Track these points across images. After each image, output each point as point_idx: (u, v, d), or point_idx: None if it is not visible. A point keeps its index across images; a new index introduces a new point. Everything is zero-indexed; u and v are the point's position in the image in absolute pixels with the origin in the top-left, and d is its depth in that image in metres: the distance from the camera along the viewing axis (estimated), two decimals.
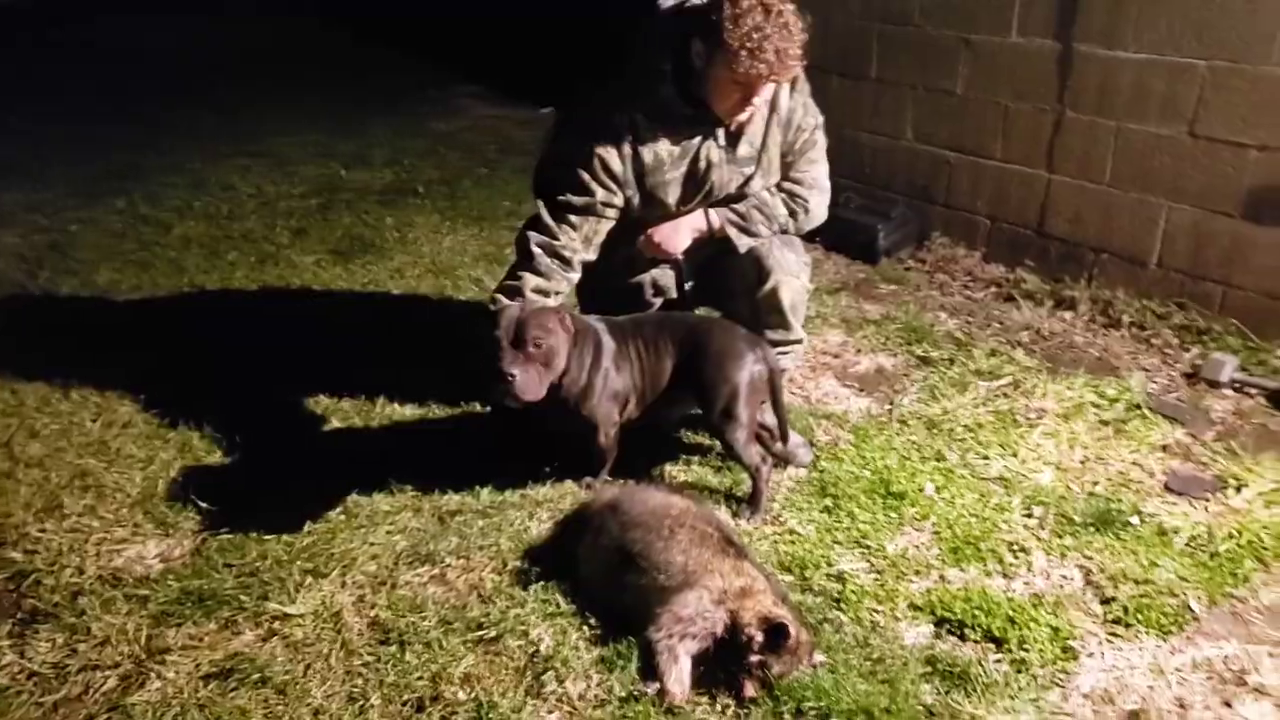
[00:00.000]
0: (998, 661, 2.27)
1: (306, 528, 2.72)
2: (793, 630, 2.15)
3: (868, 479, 2.90)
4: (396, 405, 3.31)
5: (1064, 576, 2.56)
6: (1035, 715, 2.13)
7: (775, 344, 2.90)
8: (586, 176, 2.70)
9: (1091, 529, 2.70)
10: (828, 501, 2.82)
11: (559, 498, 2.85)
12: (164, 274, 4.39)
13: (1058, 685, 2.22)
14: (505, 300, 2.72)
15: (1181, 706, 2.16)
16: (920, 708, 2.13)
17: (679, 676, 2.18)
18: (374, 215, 5.06)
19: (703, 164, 2.77)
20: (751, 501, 2.80)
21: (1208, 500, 2.83)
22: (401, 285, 4.26)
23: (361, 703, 2.17)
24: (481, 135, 6.86)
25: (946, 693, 2.17)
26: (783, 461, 2.98)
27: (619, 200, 2.74)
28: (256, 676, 2.23)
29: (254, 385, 3.44)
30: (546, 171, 2.83)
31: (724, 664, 2.19)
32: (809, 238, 4.79)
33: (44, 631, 2.39)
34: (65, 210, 5.16)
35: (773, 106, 2.77)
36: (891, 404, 3.36)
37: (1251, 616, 2.43)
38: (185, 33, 10.40)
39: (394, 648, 2.31)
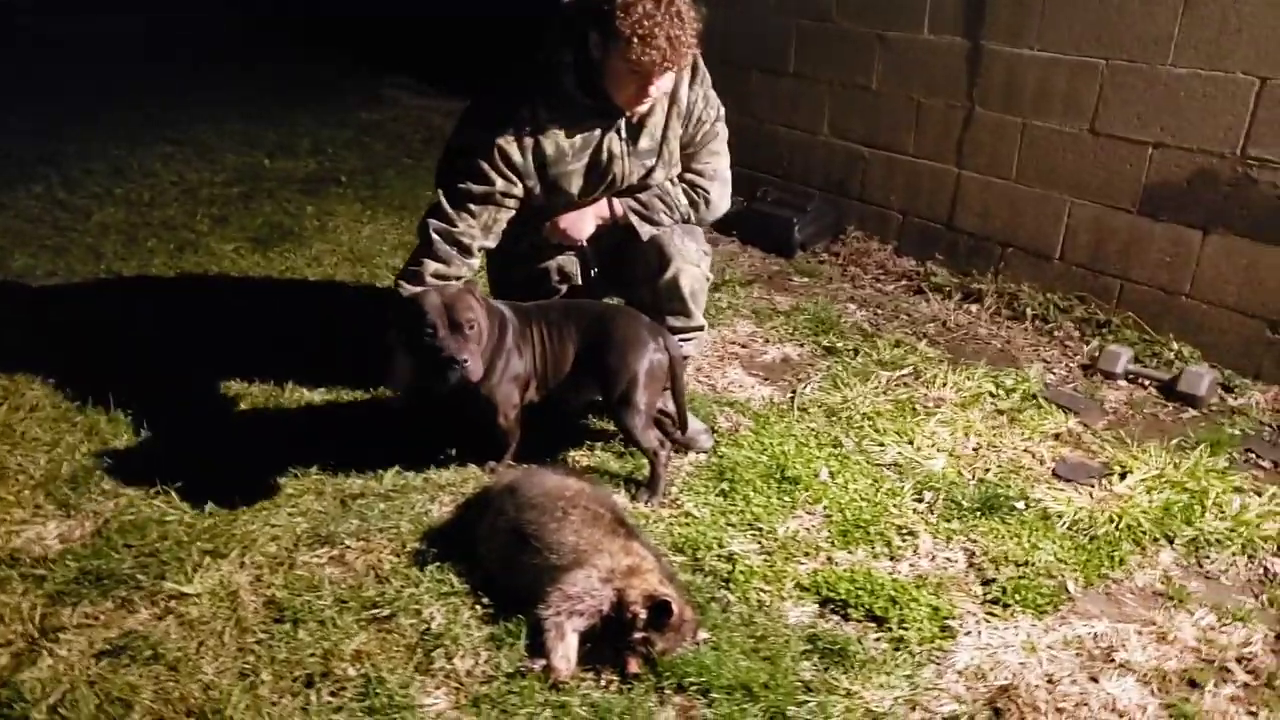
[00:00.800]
0: (877, 639, 2.36)
1: (208, 509, 2.73)
2: (676, 608, 2.20)
3: (764, 464, 2.98)
4: (305, 390, 3.32)
5: (948, 559, 2.65)
6: (909, 690, 2.21)
7: (676, 331, 2.96)
8: (486, 166, 2.73)
9: (978, 513, 2.80)
10: (724, 485, 2.89)
11: (462, 481, 2.89)
12: (81, 260, 4.33)
13: (934, 662, 2.30)
14: (409, 286, 2.74)
15: (1050, 682, 2.25)
16: (799, 683, 2.20)
17: (565, 653, 2.23)
18: (295, 204, 5.04)
19: (604, 155, 2.81)
20: (649, 485, 2.86)
21: (1092, 486, 2.95)
22: (318, 273, 4.26)
23: (252, 678, 2.19)
24: (408, 125, 6.85)
25: (825, 669, 2.25)
26: (683, 447, 3.05)
27: (519, 190, 2.78)
28: (149, 654, 2.24)
29: (165, 370, 3.42)
30: (449, 161, 2.85)
31: (611, 641, 2.24)
32: (725, 229, 4.98)
33: None
34: None
35: (673, 99, 2.83)
36: (794, 392, 3.45)
37: (1124, 597, 2.54)
38: (112, 27, 10.20)
39: (287, 625, 2.33)
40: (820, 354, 3.76)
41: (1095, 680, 2.26)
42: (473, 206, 2.76)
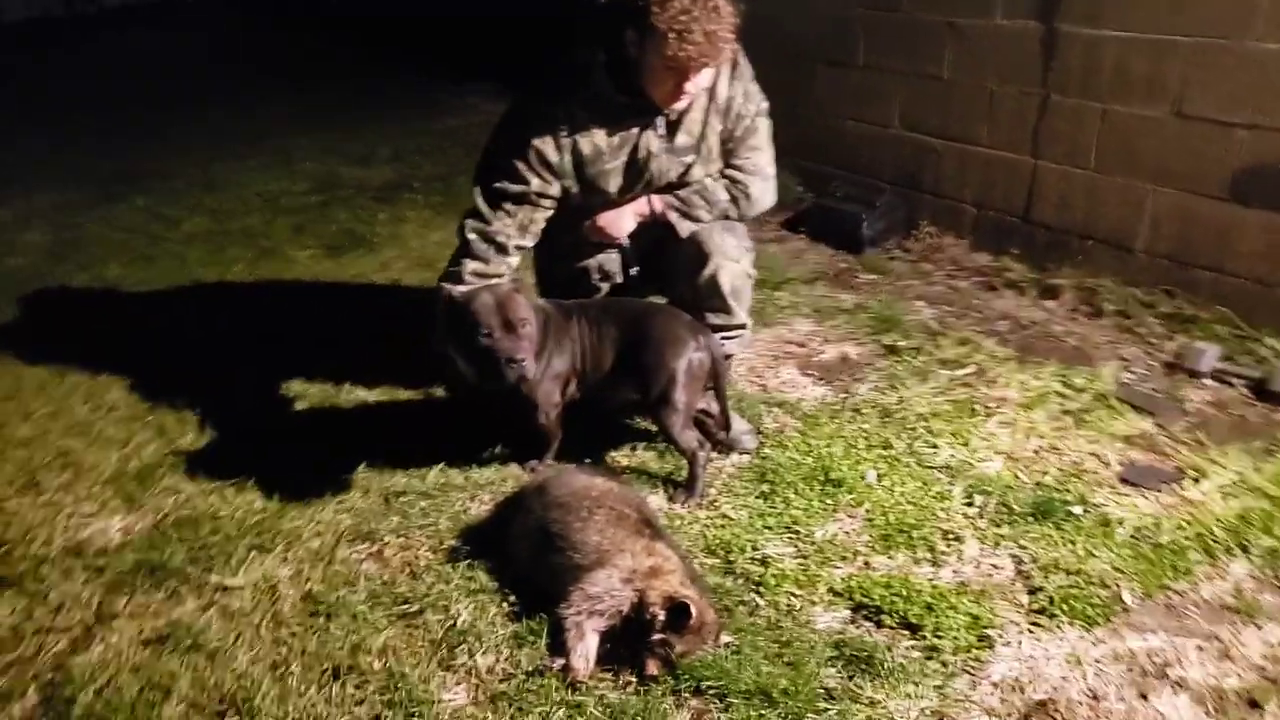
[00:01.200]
0: (909, 648, 2.27)
1: (259, 505, 2.82)
2: (694, 610, 2.16)
3: (809, 466, 2.90)
4: (362, 390, 3.40)
5: (994, 566, 2.53)
6: (937, 700, 2.12)
7: (717, 329, 2.91)
8: (522, 166, 2.74)
9: (1031, 519, 2.66)
10: (765, 487, 2.83)
11: (502, 480, 2.91)
12: (167, 269, 4.55)
13: (968, 673, 2.20)
14: (452, 287, 2.77)
15: (1094, 698, 2.13)
16: (820, 690, 2.13)
17: (584, 652, 2.22)
18: (369, 211, 5.18)
19: (642, 154, 2.79)
20: (687, 486, 2.82)
21: (1161, 492, 2.78)
22: (385, 277, 4.36)
23: (283, 669, 2.24)
24: (486, 131, 6.87)
25: (850, 677, 2.17)
26: (726, 448, 3.00)
27: (555, 190, 2.79)
28: (189, 643, 2.32)
29: (233, 372, 3.55)
30: (486, 161, 2.88)
31: (631, 642, 2.22)
32: (793, 227, 4.88)
33: (7, 597, 2.51)
34: (88, 209, 5.37)
35: (711, 95, 2.78)
36: (847, 393, 3.35)
37: (1187, 610, 2.38)
38: (199, 43, 10.73)
39: (321, 619, 2.39)
40: (881, 353, 3.64)
41: (1145, 697, 2.12)
42: (509, 206, 2.78)
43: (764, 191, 2.92)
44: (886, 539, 2.61)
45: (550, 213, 2.83)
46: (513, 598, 2.43)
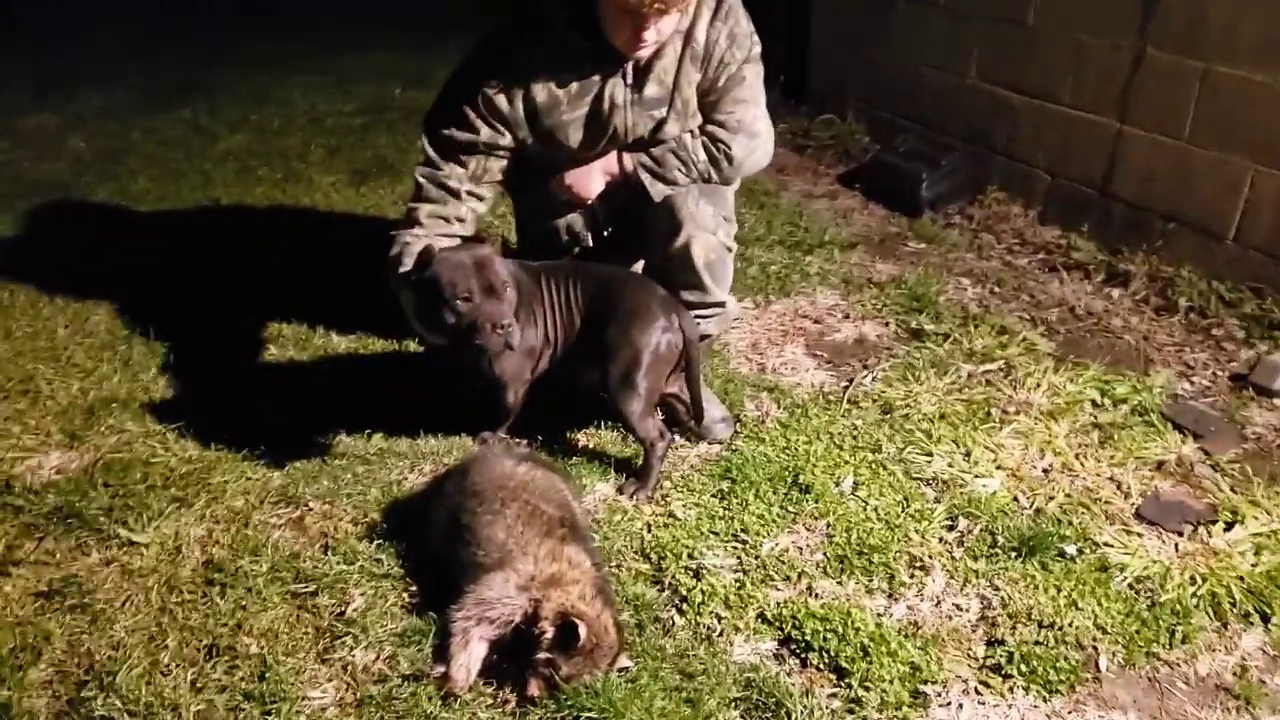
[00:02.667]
0: (830, 696, 1.98)
1: (194, 454, 2.69)
2: (584, 632, 1.93)
3: (779, 465, 2.59)
4: (334, 336, 3.22)
5: (957, 606, 2.20)
6: None
7: (691, 306, 2.60)
8: (472, 114, 2.49)
9: (1014, 554, 2.31)
10: (724, 485, 2.54)
11: (447, 450, 2.70)
12: (191, 186, 4.46)
13: None
14: (404, 236, 2.53)
15: None
16: None
17: (466, 662, 2.01)
18: (409, 138, 4.93)
19: (606, 104, 2.48)
20: (640, 476, 2.56)
21: (1182, 535, 2.37)
22: (399, 211, 4.14)
23: (158, 642, 2.12)
24: None
25: None
26: (696, 436, 2.71)
27: (507, 140, 2.51)
28: (76, 601, 2.22)
29: (213, 305, 3.43)
30: (438, 107, 2.62)
31: (518, 657, 2.00)
32: (848, 183, 4.46)
33: None
34: (134, 117, 5.33)
35: (687, 39, 2.43)
36: (850, 381, 3.00)
37: (1173, 685, 2.01)
38: None
39: (215, 589, 2.25)
40: (904, 337, 3.26)
41: None
42: (459, 155, 2.53)
43: (749, 151, 2.56)
44: (842, 560, 2.30)
45: (504, 163, 2.55)
46: (414, 587, 2.25)
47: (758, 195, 4.31)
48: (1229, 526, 2.38)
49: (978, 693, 1.99)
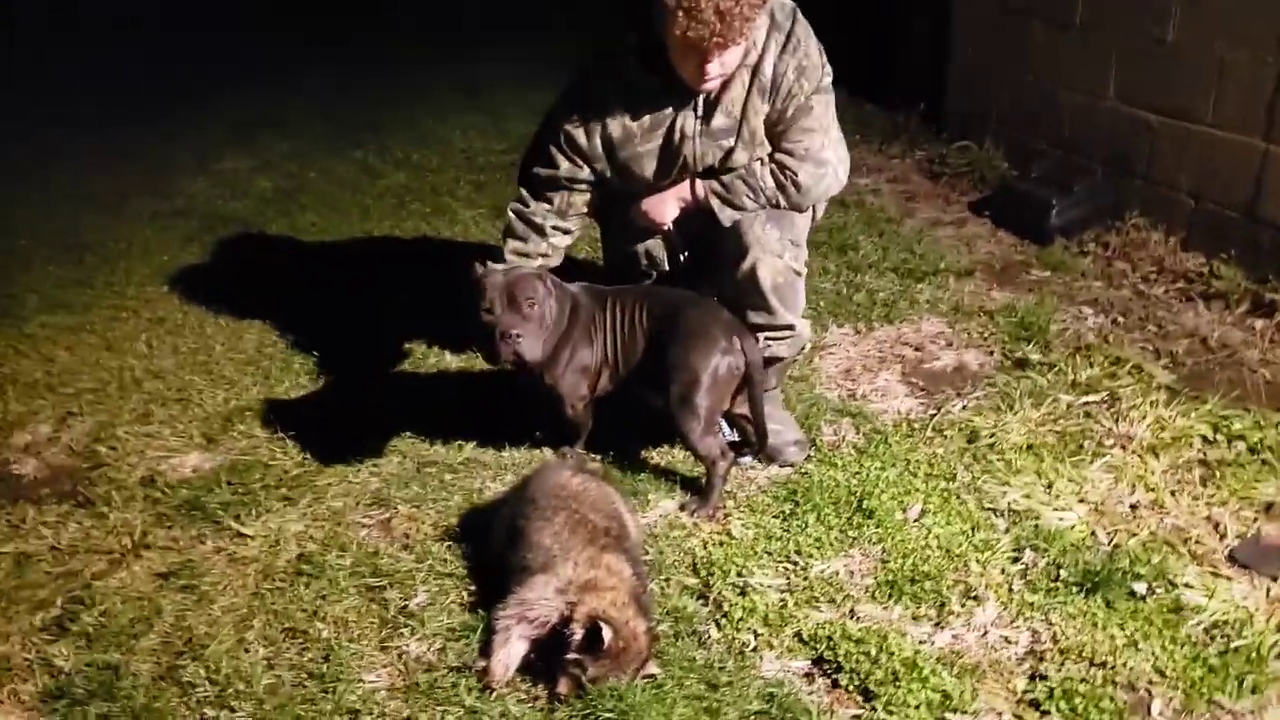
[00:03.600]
0: (854, 718, 1.96)
1: (308, 459, 2.95)
2: (608, 636, 2.00)
3: (846, 490, 2.57)
4: (448, 355, 3.45)
5: (1005, 639, 2.12)
6: None
7: (758, 328, 2.64)
8: (554, 151, 2.67)
9: (1077, 589, 2.20)
10: (788, 507, 2.55)
11: (528, 462, 2.84)
12: (350, 220, 4.85)
13: None
14: (482, 268, 2.71)
15: None
16: None
17: (505, 659, 2.13)
18: None
19: (677, 136, 2.57)
20: (703, 495, 2.61)
21: (1276, 580, 2.18)
22: None
23: (247, 622, 2.35)
24: None
25: None
26: (767, 458, 2.73)
27: (586, 174, 2.67)
28: (186, 580, 2.49)
29: (350, 326, 3.73)
30: (531, 144, 2.81)
31: (553, 656, 2.10)
32: (977, 210, 4.33)
33: (79, 515, 2.81)
34: (314, 159, 5.86)
35: (755, 72, 2.49)
36: (939, 409, 2.92)
37: None
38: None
39: (302, 579, 2.47)
40: (1007, 366, 3.15)
41: None
42: (545, 191, 2.73)
43: (817, 179, 2.58)
44: (891, 585, 2.27)
45: (587, 195, 2.71)
46: (474, 586, 2.39)
47: (879, 222, 4.27)
48: None
49: None
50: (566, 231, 2.77)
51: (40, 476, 3.06)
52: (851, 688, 2.02)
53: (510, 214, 2.77)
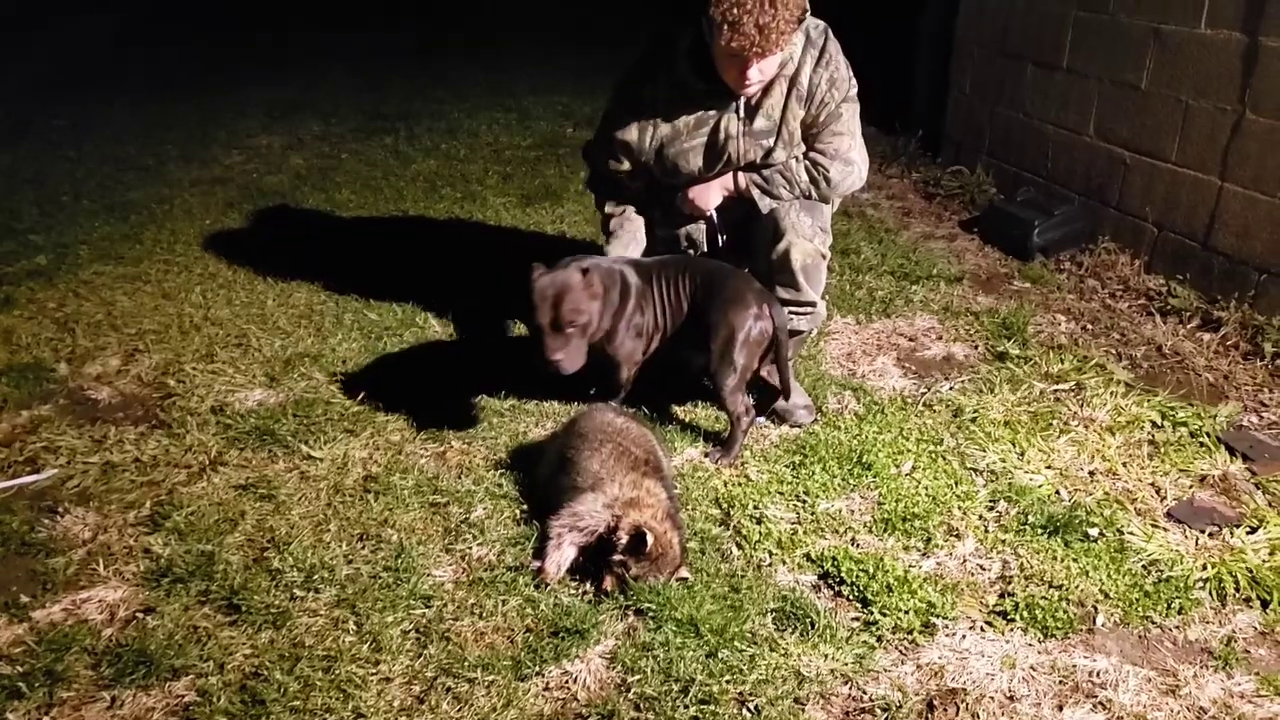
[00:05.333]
0: (853, 619, 2.34)
1: (365, 399, 3.29)
2: (650, 541, 2.36)
3: (848, 447, 2.96)
4: (487, 321, 3.80)
5: (980, 566, 2.51)
6: (853, 666, 2.18)
7: (786, 303, 3.02)
8: (612, 145, 3.00)
9: (1041, 531, 2.60)
10: (797, 459, 2.93)
11: (568, 412, 3.19)
12: (386, 199, 5.22)
13: (899, 651, 2.25)
14: (537, 270, 2.93)
15: (1010, 698, 2.12)
16: (747, 633, 2.27)
17: (558, 560, 2.48)
18: (573, 169, 5.59)
19: (721, 135, 2.94)
20: (725, 445, 2.98)
21: (1205, 533, 2.60)
22: (557, 229, 4.76)
23: (323, 527, 2.68)
24: None
25: (780, 629, 2.29)
26: (779, 418, 3.12)
27: (645, 165, 3.01)
28: (264, 492, 2.82)
29: (396, 292, 4.08)
30: (595, 140, 3.15)
31: (599, 559, 2.45)
32: (967, 227, 4.76)
33: (157, 435, 3.14)
34: (345, 141, 6.22)
35: (793, 81, 2.88)
36: (929, 389, 3.33)
37: (1161, 644, 2.27)
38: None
39: (370, 495, 2.80)
40: (989, 358, 3.56)
41: (1060, 709, 2.08)
42: (616, 186, 3.09)
43: (844, 175, 2.99)
44: (887, 523, 2.65)
45: (641, 184, 3.06)
46: (525, 506, 2.73)
47: (878, 232, 4.70)
48: (1252, 531, 2.59)
49: (981, 630, 2.30)
50: (640, 213, 3.14)
51: (114, 402, 3.38)
52: (852, 596, 2.40)
53: (603, 216, 3.14)
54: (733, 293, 2.93)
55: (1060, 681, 2.15)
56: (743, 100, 2.92)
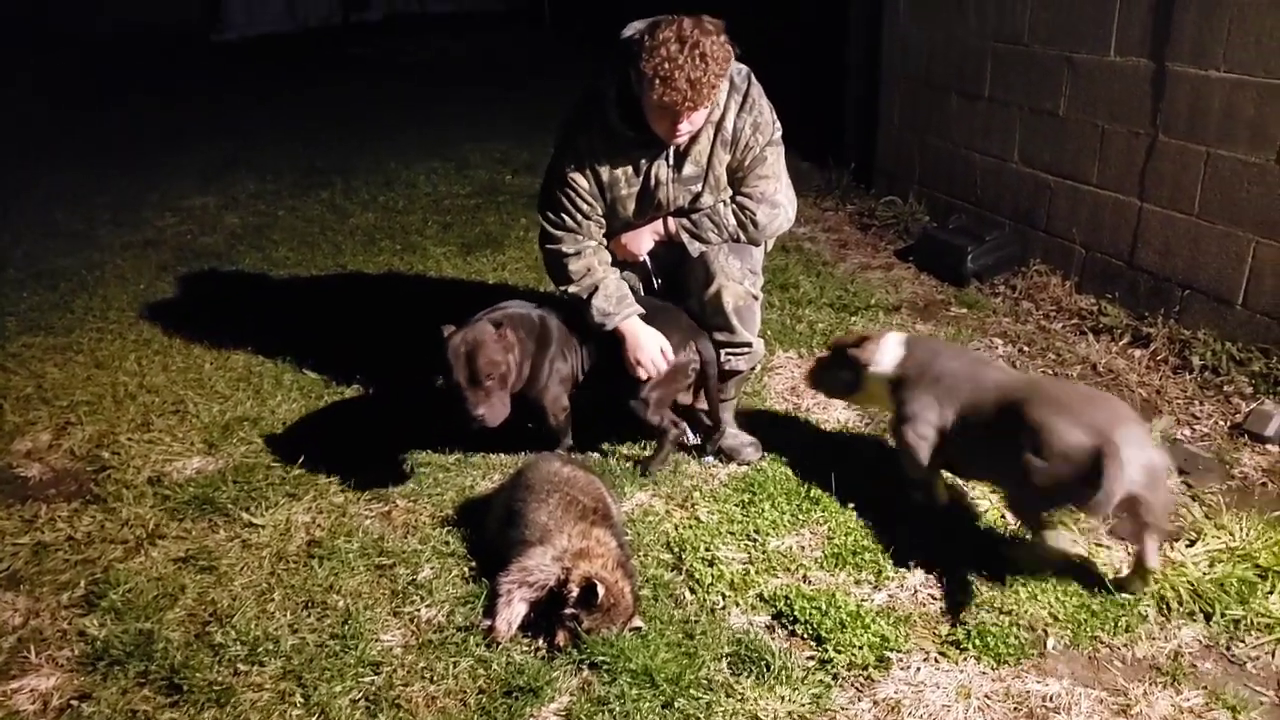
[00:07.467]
0: (808, 658, 2.34)
1: (306, 461, 3.23)
2: (601, 592, 2.34)
3: (796, 482, 2.97)
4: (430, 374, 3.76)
5: (931, 596, 2.53)
6: (810, 707, 2.18)
7: (723, 344, 3.05)
8: (565, 200, 2.96)
9: (990, 555, 2.62)
10: (746, 497, 2.94)
11: (514, 464, 3.16)
12: (324, 254, 5.18)
13: (855, 688, 2.25)
14: (448, 330, 2.94)
15: None
16: (703, 680, 2.25)
17: (508, 617, 2.45)
18: (513, 215, 5.61)
19: (653, 182, 2.96)
20: (653, 457, 3.09)
21: None
22: (498, 277, 4.75)
23: (268, 596, 2.62)
24: None
25: (735, 673, 2.29)
26: (727, 457, 3.13)
27: (599, 211, 2.98)
28: (205, 563, 2.76)
29: (335, 350, 4.02)
30: (544, 187, 3.08)
31: (550, 614, 2.42)
32: (902, 256, 4.84)
33: (91, 510, 3.05)
34: (281, 198, 6.17)
35: (718, 127, 2.90)
36: (872, 419, 3.36)
37: (1111, 664, 2.30)
38: (450, 51, 11.78)
39: (315, 561, 2.75)
40: None
41: None
42: (568, 234, 2.99)
43: (771, 218, 3.01)
44: (837, 557, 2.66)
45: (603, 226, 3.03)
46: (474, 563, 2.70)
47: (816, 265, 4.76)
48: (1191, 544, 2.63)
49: (936, 661, 2.31)
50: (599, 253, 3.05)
51: (45, 479, 3.29)
52: (806, 635, 2.40)
53: (568, 271, 2.99)
54: (658, 327, 2.97)
55: (1015, 708, 2.16)
56: (671, 149, 2.94)
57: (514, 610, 2.46)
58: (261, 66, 11.23)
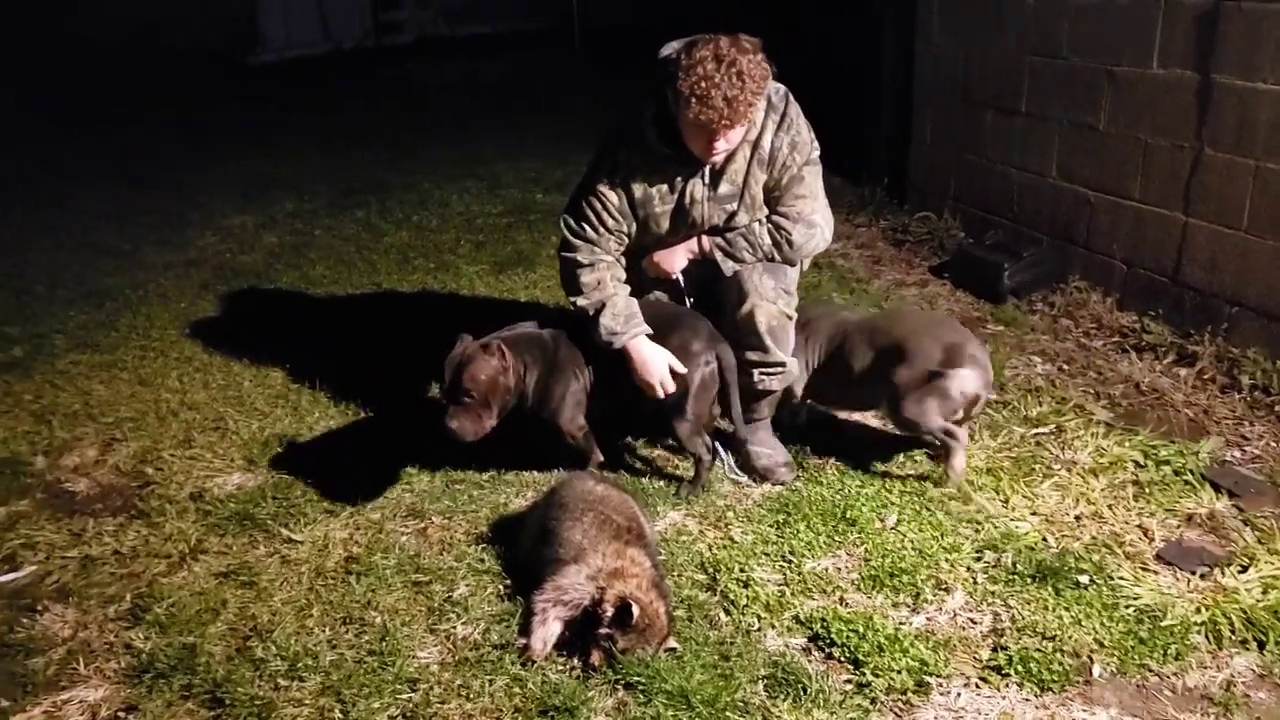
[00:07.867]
0: (845, 681, 2.31)
1: (344, 477, 3.25)
2: (636, 612, 2.33)
3: (832, 503, 2.95)
4: None
5: (971, 620, 2.49)
6: None
7: (754, 364, 3.04)
8: (590, 212, 2.97)
9: (1031, 581, 2.58)
10: (780, 517, 2.91)
11: (548, 481, 3.16)
12: (360, 273, 5.22)
13: (894, 713, 2.22)
14: (462, 340, 3.01)
15: None
16: (740, 703, 2.23)
17: (543, 636, 2.45)
18: (545, 234, 5.62)
19: (688, 200, 2.96)
20: (691, 483, 3.07)
21: (1196, 574, 2.58)
22: (529, 295, 4.77)
23: (307, 611, 2.64)
24: None
25: (771, 696, 2.26)
26: (761, 477, 3.11)
27: (624, 228, 3.00)
28: (245, 578, 2.78)
29: (371, 366, 4.06)
30: (573, 200, 3.08)
31: (585, 633, 2.42)
32: (938, 272, 4.80)
33: (136, 525, 3.10)
34: (318, 217, 6.24)
35: (755, 146, 2.90)
36: (908, 438, 3.32)
37: (1161, 693, 2.24)
38: (481, 73, 11.94)
39: (352, 576, 2.77)
40: None
41: None
42: (591, 247, 2.99)
43: (807, 238, 3.00)
44: (874, 579, 2.63)
45: (625, 244, 3.04)
46: (509, 581, 2.70)
47: (849, 282, 4.73)
48: (1244, 570, 2.57)
49: (977, 686, 2.27)
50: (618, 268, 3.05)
51: (92, 493, 3.34)
52: (843, 658, 2.37)
53: (580, 283, 2.99)
54: (680, 342, 2.97)
55: None
56: (707, 167, 2.94)
57: (549, 629, 2.46)
58: (297, 87, 11.37)
